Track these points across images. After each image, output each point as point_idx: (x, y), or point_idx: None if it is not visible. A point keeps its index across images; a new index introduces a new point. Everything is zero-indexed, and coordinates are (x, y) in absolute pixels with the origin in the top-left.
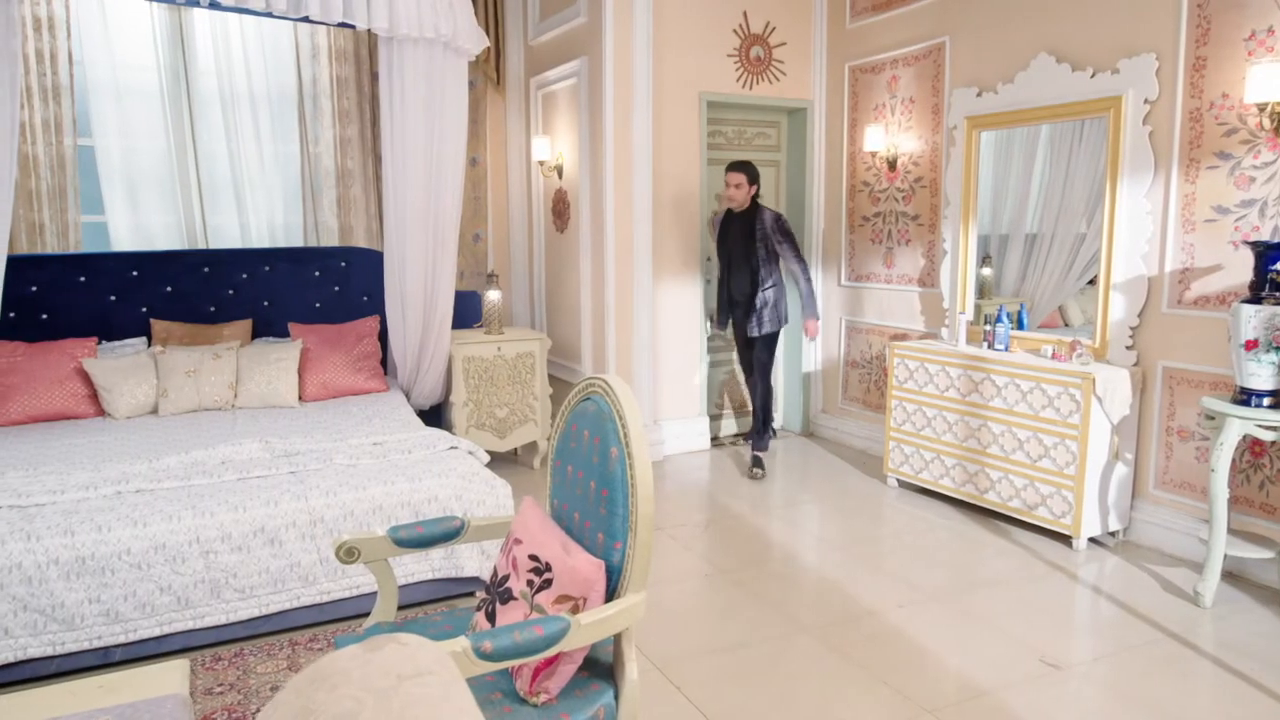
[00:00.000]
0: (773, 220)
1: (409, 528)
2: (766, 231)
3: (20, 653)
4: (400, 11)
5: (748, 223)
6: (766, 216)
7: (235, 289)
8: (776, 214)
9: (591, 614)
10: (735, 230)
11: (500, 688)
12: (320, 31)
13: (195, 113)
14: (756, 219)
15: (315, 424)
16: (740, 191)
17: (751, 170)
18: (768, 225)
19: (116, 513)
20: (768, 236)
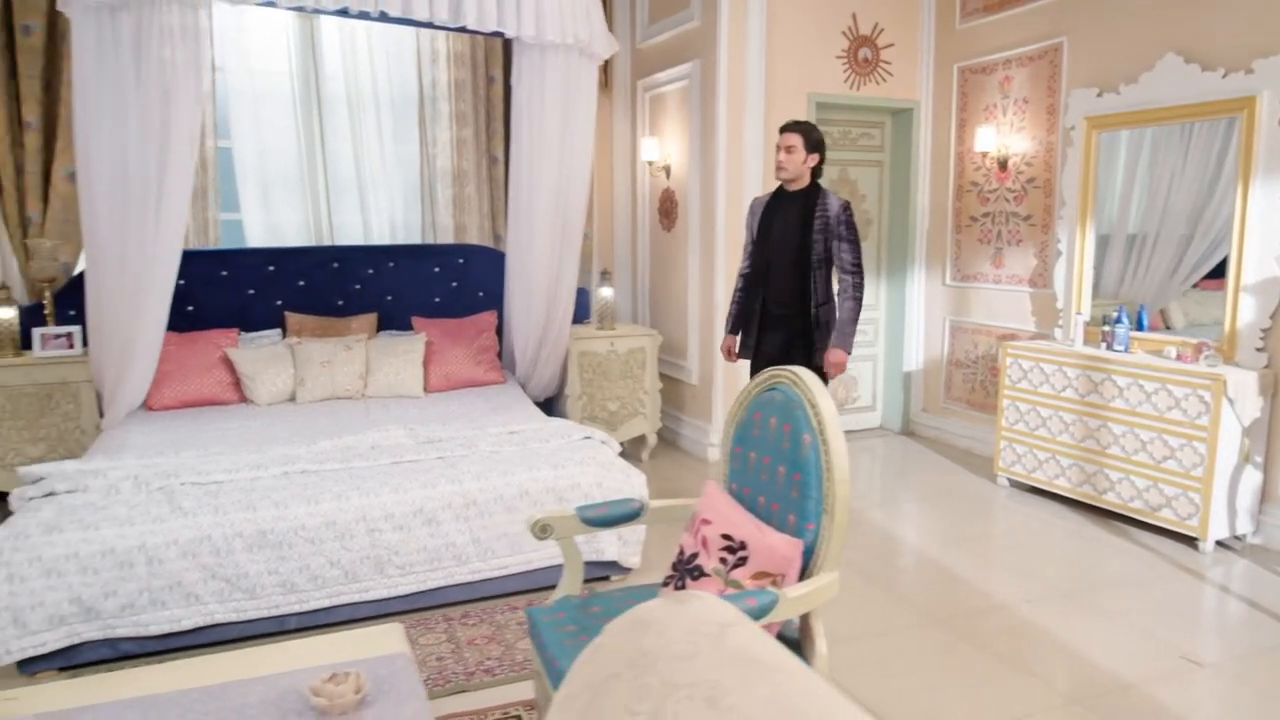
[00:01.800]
0: (840, 209)
1: (595, 507)
2: (830, 222)
3: (209, 618)
4: (546, 19)
5: (804, 207)
6: (832, 204)
7: (361, 284)
8: (845, 201)
9: (796, 589)
10: (785, 217)
11: None
12: (440, 37)
13: (324, 116)
14: (818, 203)
15: (445, 413)
16: (793, 158)
17: (811, 132)
18: (832, 214)
19: (289, 491)
20: (830, 229)
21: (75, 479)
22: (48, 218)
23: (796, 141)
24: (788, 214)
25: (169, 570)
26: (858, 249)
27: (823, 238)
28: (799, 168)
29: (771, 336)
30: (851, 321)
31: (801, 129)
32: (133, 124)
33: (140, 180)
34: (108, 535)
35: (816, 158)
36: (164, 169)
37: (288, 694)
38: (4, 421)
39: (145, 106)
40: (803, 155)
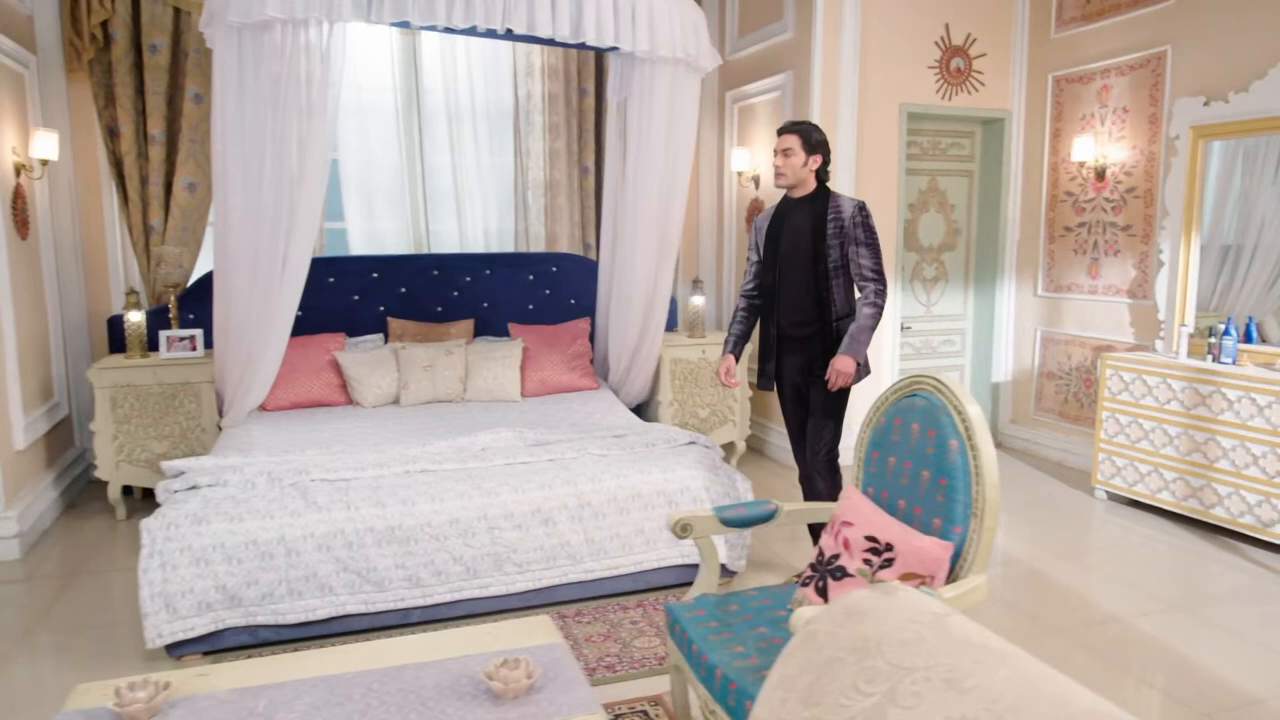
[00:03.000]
0: (855, 211)
1: (733, 508)
2: (845, 226)
3: (340, 608)
4: (659, 34)
5: (814, 213)
6: (845, 205)
7: (459, 290)
8: (859, 202)
9: (947, 590)
10: (794, 226)
11: None
12: (535, 51)
13: (423, 128)
14: (828, 208)
15: (545, 417)
16: (790, 162)
17: (810, 133)
18: (846, 218)
19: (414, 489)
20: (845, 233)
21: (215, 473)
22: (168, 226)
23: (794, 143)
24: (796, 223)
25: (305, 562)
26: (877, 253)
27: (838, 243)
28: (799, 172)
29: (791, 361)
30: (867, 330)
31: (799, 129)
32: (269, 139)
33: (274, 194)
34: (250, 527)
35: (819, 159)
36: (299, 183)
37: (460, 677)
38: (132, 419)
39: (282, 121)
40: (802, 158)
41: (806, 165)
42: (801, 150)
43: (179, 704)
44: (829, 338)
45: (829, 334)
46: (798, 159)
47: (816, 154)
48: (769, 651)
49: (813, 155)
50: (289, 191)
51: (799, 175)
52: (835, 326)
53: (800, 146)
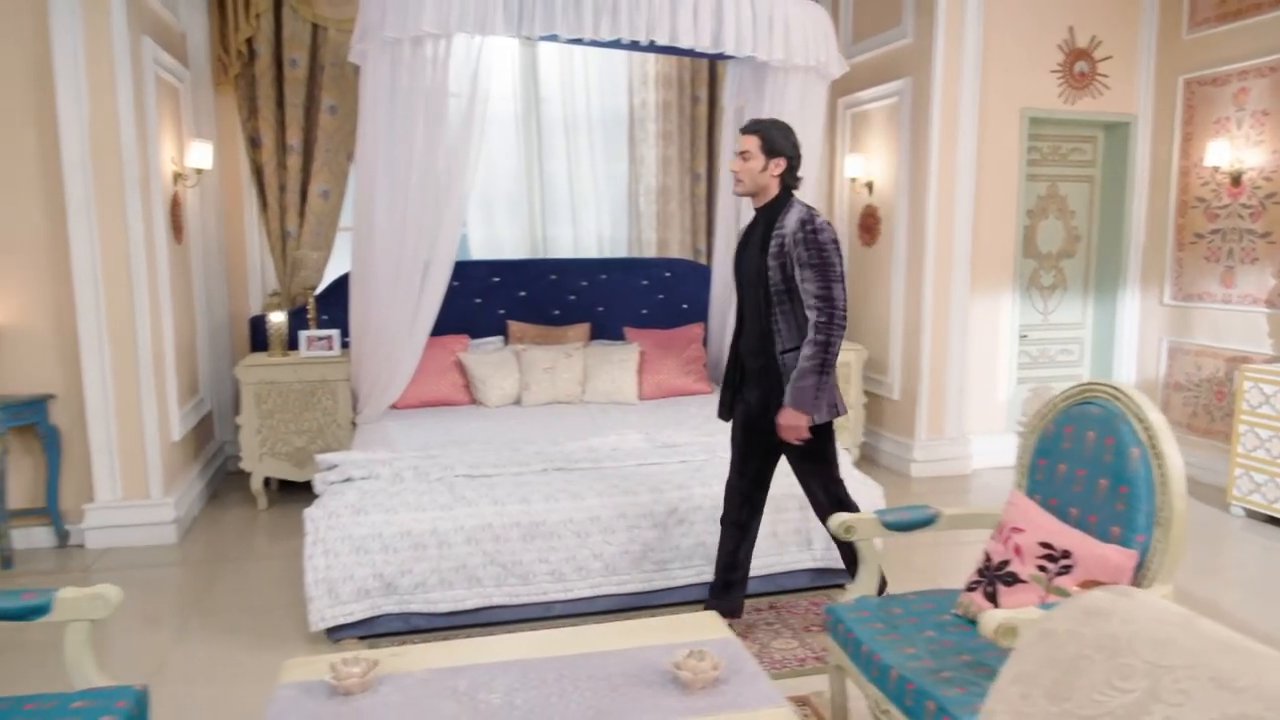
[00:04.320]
0: (798, 225)
1: (895, 512)
2: (785, 244)
3: (487, 599)
4: (794, 43)
5: (766, 227)
6: (790, 219)
7: (576, 294)
8: (809, 213)
9: None
10: (751, 241)
11: None
12: (651, 60)
13: (541, 137)
14: (777, 221)
15: (665, 419)
16: (748, 166)
17: (769, 132)
18: (788, 233)
19: (555, 486)
20: (786, 252)
21: (367, 467)
22: (303, 230)
23: (751, 145)
24: (753, 238)
25: (456, 554)
26: (826, 275)
27: (778, 264)
28: (757, 178)
29: (749, 393)
30: (809, 373)
31: (758, 129)
32: (417, 148)
33: (420, 201)
34: (405, 519)
35: (781, 163)
36: (447, 190)
37: (645, 666)
38: (274, 414)
39: (432, 131)
40: (761, 162)
41: (766, 170)
42: (760, 154)
43: (387, 680)
44: (773, 374)
45: (773, 369)
46: (755, 163)
47: (778, 158)
48: (941, 654)
49: (773, 159)
50: (435, 199)
51: (757, 182)
52: (781, 360)
53: (759, 149)
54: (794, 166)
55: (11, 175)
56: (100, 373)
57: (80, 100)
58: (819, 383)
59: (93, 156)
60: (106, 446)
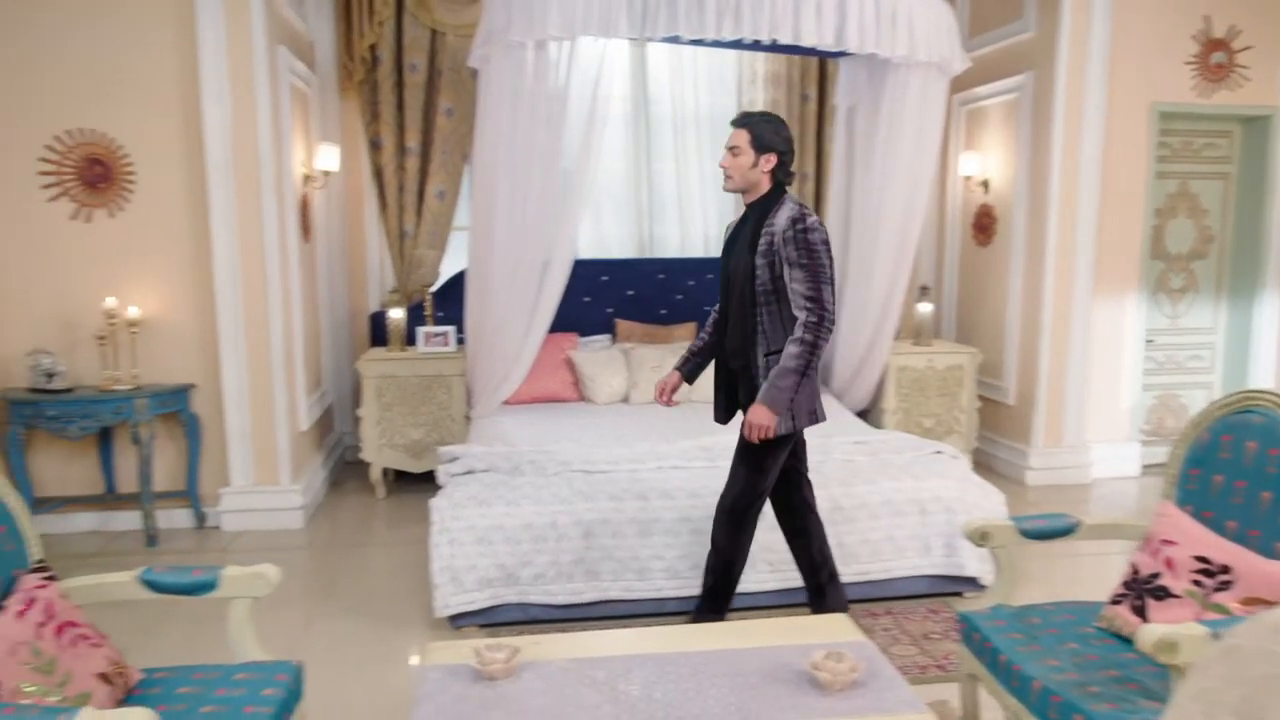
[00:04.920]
0: (789, 223)
1: (1033, 519)
2: (774, 242)
3: (604, 593)
4: (918, 38)
5: (756, 224)
6: (781, 216)
7: (683, 294)
8: (800, 211)
9: None
10: (740, 238)
11: None
12: (760, 59)
13: (650, 137)
14: (768, 218)
15: None
16: (738, 162)
17: (758, 126)
18: (778, 231)
19: (672, 484)
20: (775, 250)
21: (487, 460)
22: (420, 230)
23: (741, 140)
24: (741, 235)
25: (574, 547)
26: (816, 276)
27: (767, 262)
28: (747, 174)
29: (743, 396)
30: (789, 372)
31: (747, 122)
32: (538, 150)
33: (540, 201)
34: (527, 512)
35: (772, 159)
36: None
37: (780, 665)
38: (393, 407)
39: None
40: (751, 157)
41: (757, 166)
42: (750, 149)
43: (528, 667)
44: (754, 375)
45: (754, 371)
46: (745, 158)
47: (769, 153)
48: (1087, 667)
49: (764, 154)
50: (555, 200)
51: (747, 178)
52: (765, 362)
53: (748, 144)
54: (785, 162)
55: (161, 180)
56: (236, 364)
57: (223, 107)
58: (798, 384)
59: (233, 160)
60: (241, 434)
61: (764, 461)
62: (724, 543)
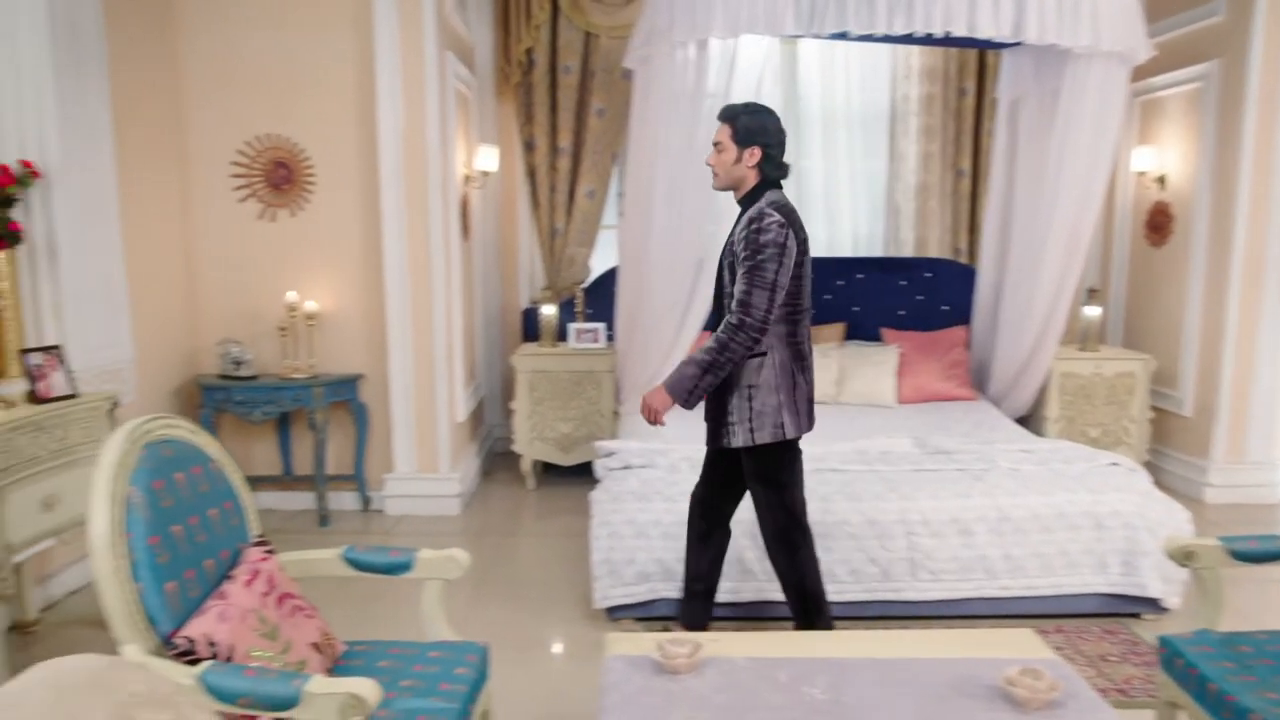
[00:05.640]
0: (746, 220)
1: (1243, 540)
2: (734, 240)
3: (760, 594)
4: (1102, 27)
5: (734, 226)
6: (746, 215)
7: (831, 294)
8: (761, 210)
9: None
10: (727, 240)
11: None
12: (915, 52)
13: (800, 134)
14: (740, 218)
15: (929, 424)
16: (721, 159)
17: (739, 119)
18: (737, 230)
19: (831, 487)
20: (734, 250)
21: (645, 456)
22: (570, 229)
23: (723, 135)
24: (731, 235)
25: (732, 546)
26: (752, 278)
27: (729, 262)
28: (731, 170)
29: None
30: (697, 365)
31: (729, 116)
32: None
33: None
34: (684, 508)
35: (756, 152)
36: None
37: (967, 679)
38: (544, 401)
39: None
40: (733, 153)
41: (741, 162)
42: (731, 143)
43: (710, 663)
44: (728, 379)
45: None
46: (729, 154)
47: (752, 146)
48: None
49: (746, 149)
50: (712, 198)
51: (732, 175)
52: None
53: (730, 139)
54: (772, 155)
55: (338, 182)
56: (402, 356)
57: (396, 112)
58: (700, 378)
59: (404, 162)
60: (405, 422)
61: (772, 472)
62: (785, 567)
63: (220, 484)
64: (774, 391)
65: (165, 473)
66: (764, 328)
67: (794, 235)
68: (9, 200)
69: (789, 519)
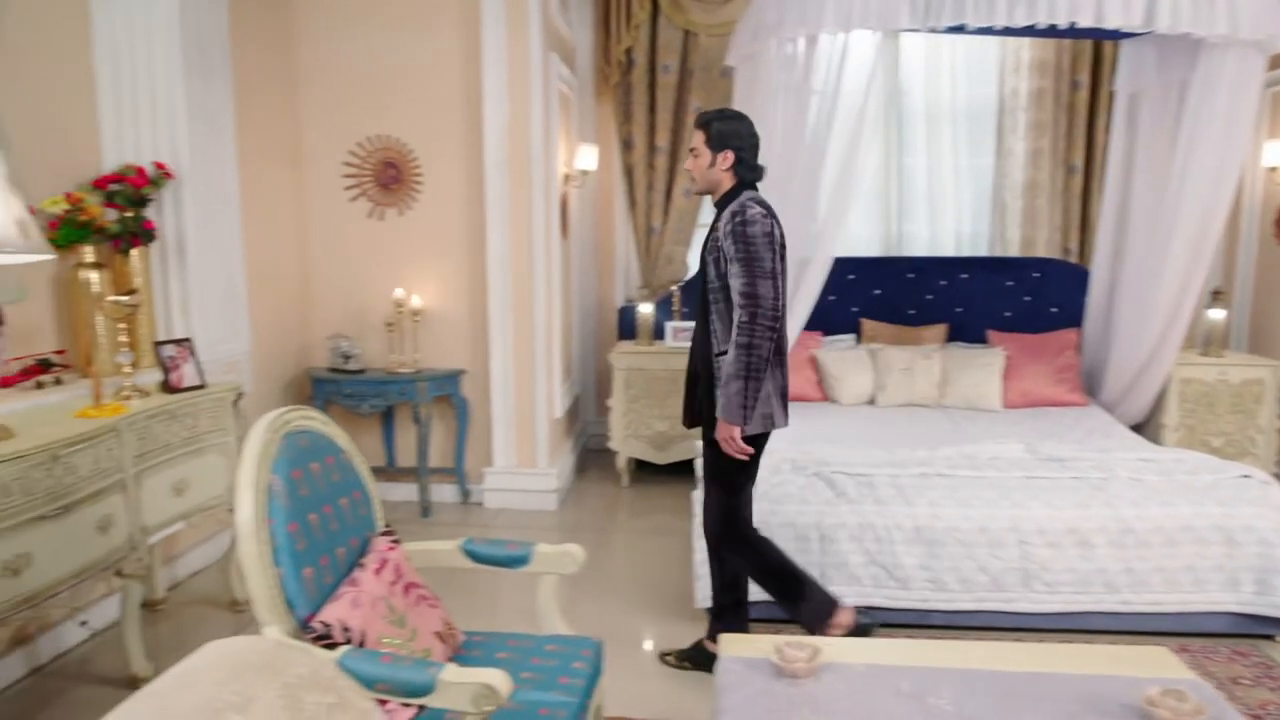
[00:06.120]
0: (729, 216)
1: None
2: (718, 237)
3: (865, 599)
4: (1241, 13)
5: (713, 227)
6: (727, 213)
7: (934, 294)
8: (742, 204)
9: None
10: (705, 241)
11: None
12: (1025, 45)
13: (901, 131)
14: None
15: (1042, 430)
16: (698, 163)
17: (715, 124)
18: (721, 227)
19: (938, 492)
20: (720, 247)
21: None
22: (666, 227)
23: (698, 140)
24: (709, 237)
25: (837, 550)
26: (752, 269)
27: (713, 259)
28: (707, 174)
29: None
30: (734, 378)
31: (703, 122)
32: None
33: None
34: (789, 511)
35: (729, 156)
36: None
37: (1104, 698)
38: (640, 399)
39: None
40: (708, 157)
41: (715, 165)
42: (706, 148)
43: (829, 669)
44: (710, 377)
45: (709, 372)
46: (704, 159)
47: (725, 150)
48: None
49: (719, 152)
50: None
51: (709, 179)
52: (717, 362)
53: (704, 143)
54: (745, 158)
55: (444, 181)
56: (503, 352)
57: (501, 112)
58: (745, 389)
59: (508, 162)
60: (505, 418)
61: (732, 474)
62: (716, 567)
63: (350, 474)
64: (762, 381)
65: (302, 462)
66: (777, 314)
67: (777, 227)
68: (144, 200)
69: (735, 514)
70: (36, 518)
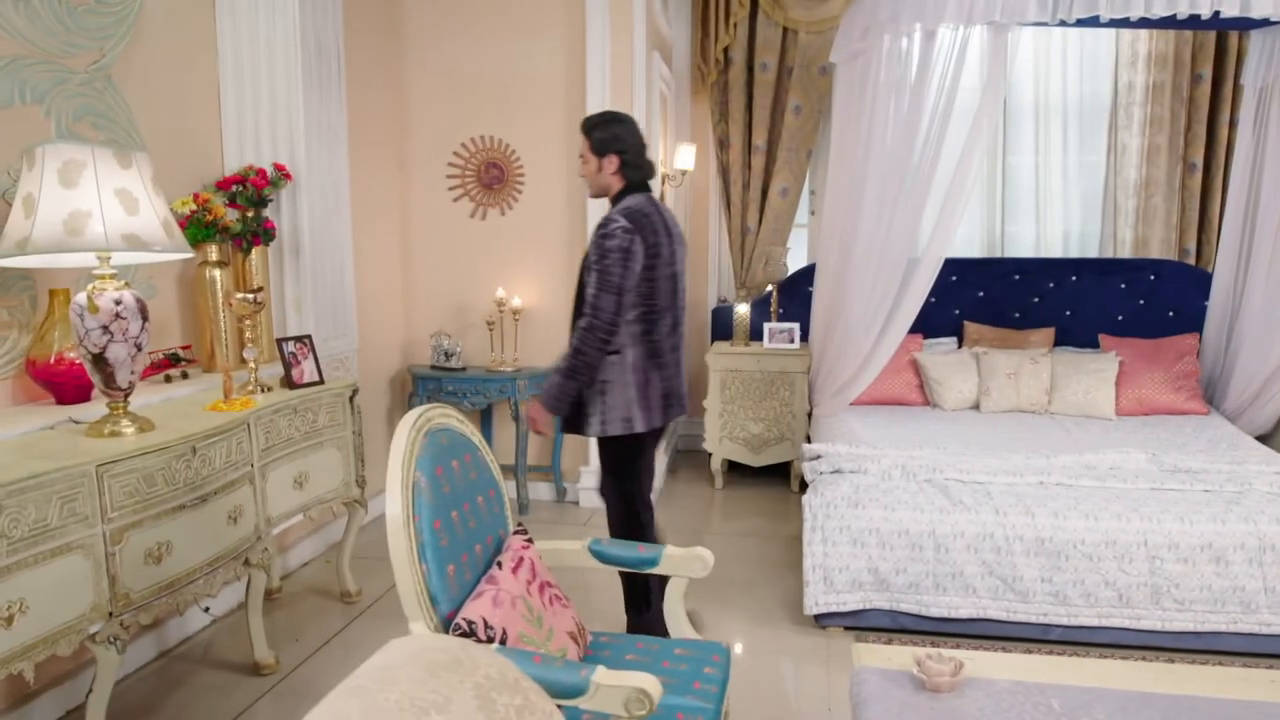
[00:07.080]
0: (596, 228)
1: None
2: (587, 247)
3: (981, 611)
4: None
5: None
6: (598, 223)
7: (1040, 296)
8: (610, 215)
9: None
10: None
11: None
12: (1142, 37)
13: (1007, 127)
14: None
15: (1161, 439)
16: (587, 168)
17: (594, 130)
18: (590, 236)
19: (1061, 502)
20: (588, 257)
21: (855, 461)
22: (761, 227)
23: (584, 148)
24: None
25: (953, 559)
26: (600, 281)
27: (583, 266)
28: (597, 179)
29: None
30: (558, 373)
31: (584, 128)
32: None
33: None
34: (903, 517)
35: (614, 160)
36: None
37: None
38: (735, 400)
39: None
40: (595, 163)
41: (602, 170)
42: (591, 154)
43: (972, 684)
44: None
45: None
46: (590, 165)
47: (608, 155)
48: None
49: (603, 158)
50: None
51: (599, 183)
52: None
53: (588, 150)
54: (629, 160)
55: (544, 182)
56: None
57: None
58: (563, 385)
59: None
60: None
61: (623, 467)
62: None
63: (485, 472)
64: (625, 388)
65: (444, 460)
66: (613, 329)
67: (641, 240)
68: (264, 200)
69: (627, 509)
70: (177, 507)
